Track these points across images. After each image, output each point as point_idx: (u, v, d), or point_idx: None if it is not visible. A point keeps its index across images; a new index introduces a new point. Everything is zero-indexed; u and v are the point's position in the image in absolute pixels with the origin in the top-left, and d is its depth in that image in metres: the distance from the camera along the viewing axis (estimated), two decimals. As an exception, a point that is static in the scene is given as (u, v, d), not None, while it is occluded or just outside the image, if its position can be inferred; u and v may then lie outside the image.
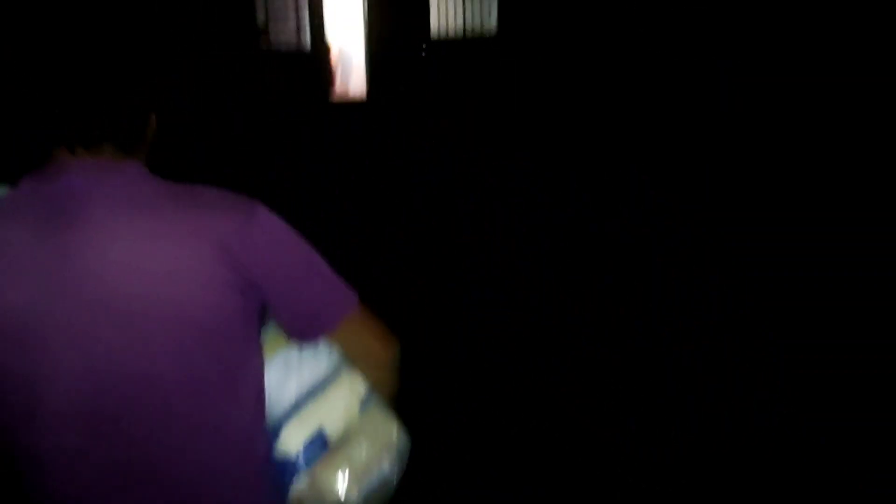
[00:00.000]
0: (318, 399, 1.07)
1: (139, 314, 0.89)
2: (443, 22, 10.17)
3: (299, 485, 1.03)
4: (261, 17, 9.65)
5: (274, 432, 1.04)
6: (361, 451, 1.05)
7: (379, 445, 1.07)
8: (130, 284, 0.89)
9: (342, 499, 1.01)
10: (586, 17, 8.71)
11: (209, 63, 8.00)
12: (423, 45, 9.90)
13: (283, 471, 1.03)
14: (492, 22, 10.11)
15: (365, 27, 10.37)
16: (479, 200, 5.37)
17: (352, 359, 1.11)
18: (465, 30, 10.22)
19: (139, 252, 0.89)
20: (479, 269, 4.34)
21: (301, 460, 1.03)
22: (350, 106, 10.32)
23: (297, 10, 9.82)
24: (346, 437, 1.06)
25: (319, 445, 1.04)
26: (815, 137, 5.44)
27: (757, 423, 2.82)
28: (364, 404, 1.10)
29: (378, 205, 5.59)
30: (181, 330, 0.90)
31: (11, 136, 0.93)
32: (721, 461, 2.60)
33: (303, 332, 1.04)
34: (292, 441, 1.03)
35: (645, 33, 8.20)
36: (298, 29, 9.86)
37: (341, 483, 1.01)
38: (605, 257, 4.41)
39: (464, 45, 10.21)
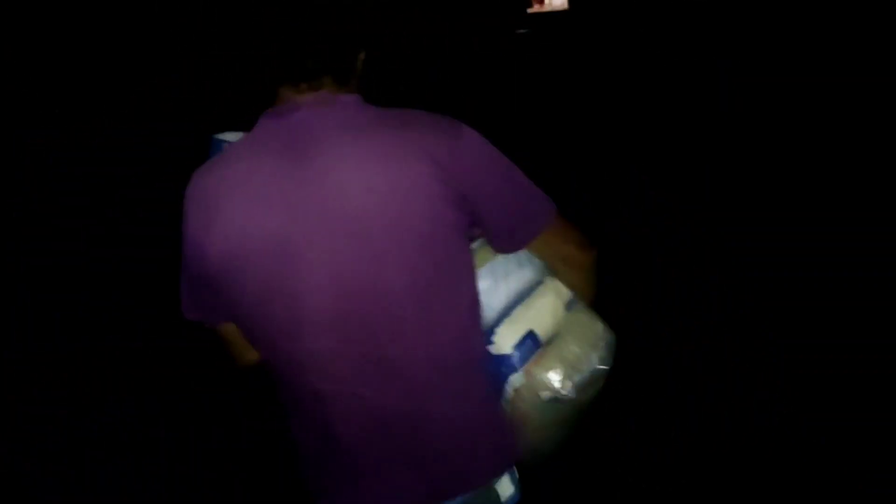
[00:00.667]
0: (526, 304, 1.16)
1: (370, 228, 1.00)
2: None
3: (516, 381, 1.13)
4: None
5: (488, 335, 1.14)
6: (571, 347, 1.15)
7: (587, 342, 1.17)
8: (361, 202, 0.99)
9: (559, 392, 1.11)
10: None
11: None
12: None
13: (499, 368, 1.14)
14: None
15: None
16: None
17: (553, 264, 1.21)
18: None
19: (366, 172, 0.99)
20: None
21: (516, 358, 1.13)
22: (549, 17, 9.29)
23: None
24: (556, 337, 1.16)
25: (531, 345, 1.14)
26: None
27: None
28: (569, 306, 1.19)
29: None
30: (405, 241, 1.01)
31: (246, 81, 1.05)
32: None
33: (508, 240, 1.13)
34: (506, 341, 1.13)
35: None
36: None
37: (555, 377, 1.12)
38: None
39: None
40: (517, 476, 1.22)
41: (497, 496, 1.19)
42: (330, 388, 1.09)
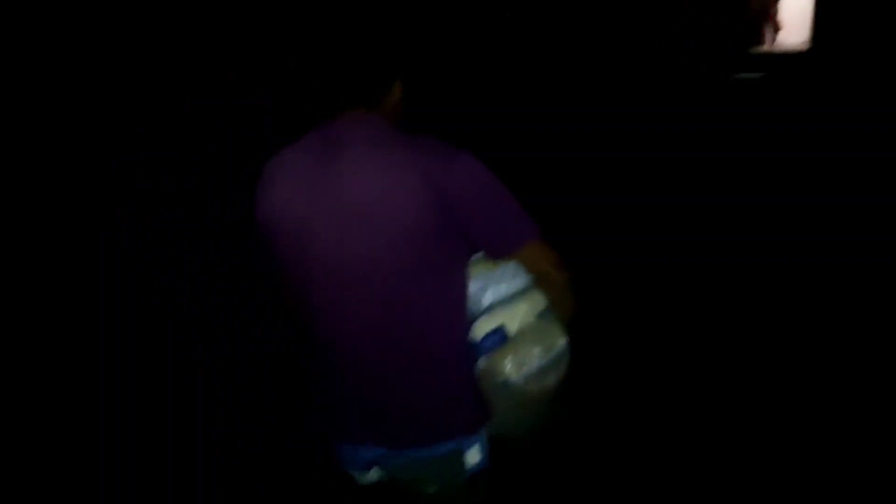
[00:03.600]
0: (506, 306, 1.43)
1: (370, 215, 1.33)
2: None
3: (480, 364, 1.42)
4: None
5: (470, 325, 1.44)
6: (528, 345, 1.40)
7: (542, 343, 1.41)
8: (366, 196, 1.33)
9: (506, 376, 1.39)
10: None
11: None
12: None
13: (472, 352, 1.43)
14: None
15: None
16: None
17: (534, 279, 1.46)
18: None
19: (375, 175, 1.33)
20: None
21: (484, 345, 1.41)
22: (785, 59, 7.32)
23: None
24: (519, 335, 1.42)
25: (499, 338, 1.41)
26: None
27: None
28: (540, 315, 1.45)
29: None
30: (394, 230, 1.33)
31: (306, 106, 1.45)
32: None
33: (492, 249, 1.42)
34: (480, 331, 1.42)
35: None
36: None
37: (507, 365, 1.39)
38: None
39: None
40: (486, 446, 1.51)
41: (463, 462, 1.48)
42: (334, 337, 1.44)
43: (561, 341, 1.45)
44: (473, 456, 1.49)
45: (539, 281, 1.47)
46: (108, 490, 2.62)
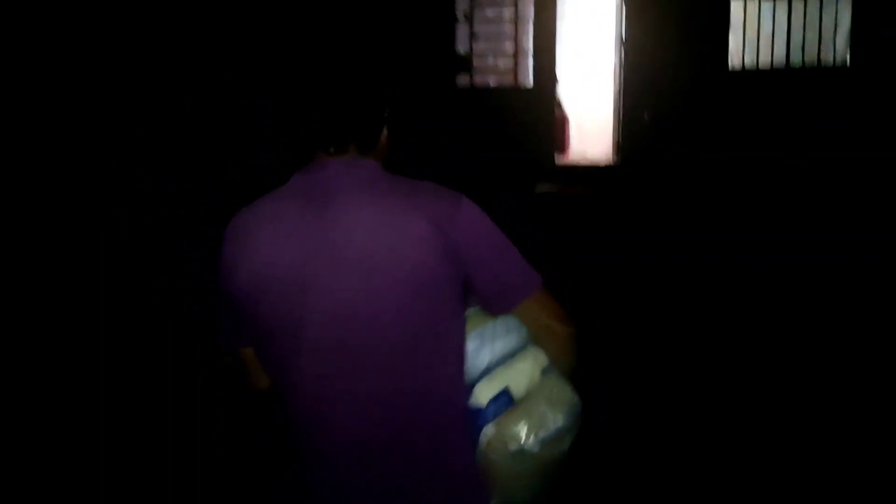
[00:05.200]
0: (507, 366, 1.30)
1: (371, 269, 1.17)
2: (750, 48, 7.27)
3: (488, 432, 1.26)
4: (463, 42, 7.26)
5: (469, 389, 1.29)
6: (540, 406, 1.28)
7: (554, 403, 1.29)
8: (368, 246, 1.17)
9: (522, 444, 1.24)
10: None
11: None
12: (645, 113, 7.08)
13: (475, 419, 1.28)
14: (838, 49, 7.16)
15: (618, 56, 7.57)
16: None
17: (534, 332, 1.34)
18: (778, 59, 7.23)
19: (375, 223, 1.18)
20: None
21: (490, 411, 1.26)
22: (589, 173, 7.48)
23: (517, 34, 7.36)
24: (528, 396, 1.29)
25: (505, 401, 1.27)
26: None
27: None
28: (544, 372, 1.33)
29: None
30: (399, 282, 1.17)
31: (289, 143, 1.29)
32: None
33: (495, 302, 1.29)
34: (483, 395, 1.27)
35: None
36: (516, 59, 7.46)
37: (521, 431, 1.25)
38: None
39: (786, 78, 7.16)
40: None
41: None
42: (322, 411, 1.23)
43: (574, 399, 1.33)
44: None
45: (538, 335, 1.35)
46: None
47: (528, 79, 7.53)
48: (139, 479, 2.67)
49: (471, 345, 1.30)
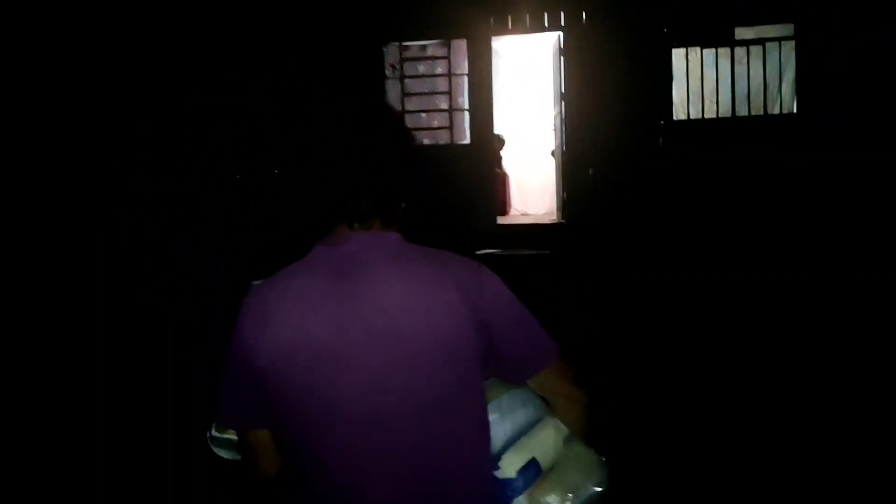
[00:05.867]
0: (529, 436, 1.31)
1: (405, 340, 1.17)
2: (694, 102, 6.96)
3: (520, 503, 1.25)
4: (394, 100, 6.84)
5: (494, 461, 1.28)
6: (570, 473, 1.28)
7: (583, 469, 1.30)
8: (399, 318, 1.17)
9: None
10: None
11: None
12: (591, 169, 6.78)
13: (504, 492, 1.26)
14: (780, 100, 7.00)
15: (559, 113, 7.13)
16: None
17: (552, 398, 1.35)
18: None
19: (404, 294, 1.18)
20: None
21: (520, 483, 1.26)
22: (533, 232, 7.03)
23: (451, 90, 6.99)
24: (556, 465, 1.29)
25: (534, 471, 1.27)
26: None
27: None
28: (567, 440, 1.33)
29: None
30: (434, 353, 1.17)
31: (306, 217, 1.26)
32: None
33: (516, 371, 1.29)
34: (511, 467, 1.26)
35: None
36: (451, 117, 7.06)
37: (555, 500, 1.25)
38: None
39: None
40: None
41: None
42: (351, 481, 1.20)
43: (601, 462, 1.34)
44: None
45: (556, 402, 1.35)
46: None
47: (465, 136, 7.08)
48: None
49: (491, 417, 1.28)
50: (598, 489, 1.30)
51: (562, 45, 7.00)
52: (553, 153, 7.50)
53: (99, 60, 5.83)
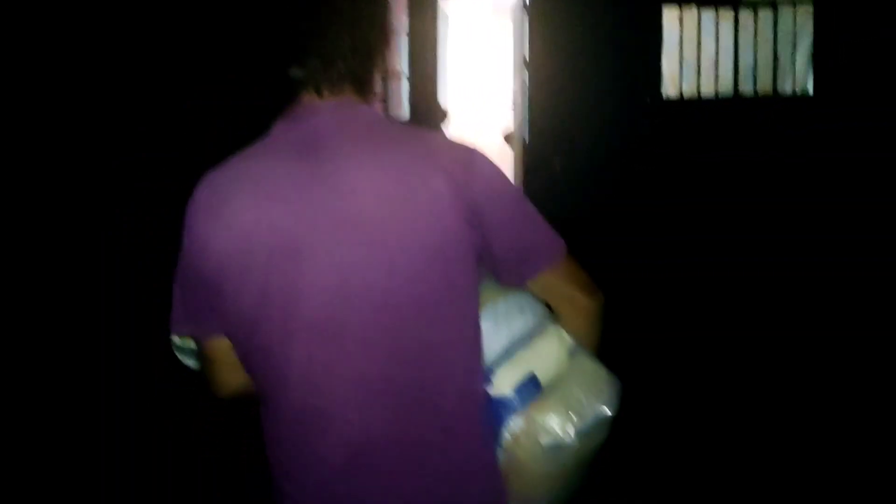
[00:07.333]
0: (528, 347, 1.12)
1: (380, 233, 0.99)
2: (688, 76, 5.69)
3: (515, 424, 1.08)
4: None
5: (486, 375, 1.10)
6: (575, 392, 1.09)
7: (590, 388, 1.11)
8: (374, 206, 0.99)
9: (560, 438, 1.06)
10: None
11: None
12: (556, 161, 5.54)
13: (498, 410, 1.09)
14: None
15: (521, 87, 5.95)
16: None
17: (557, 305, 1.16)
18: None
19: (380, 178, 1.00)
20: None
21: (516, 401, 1.08)
22: None
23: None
24: (558, 382, 1.11)
25: (533, 389, 1.09)
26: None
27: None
28: (572, 354, 1.14)
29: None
30: (416, 251, 0.99)
31: (274, 79, 1.08)
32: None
33: (515, 271, 1.11)
34: (506, 383, 1.09)
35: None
36: (386, 84, 5.86)
37: (557, 422, 1.07)
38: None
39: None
40: None
41: None
42: (315, 402, 1.04)
43: (612, 380, 1.15)
44: None
45: (560, 309, 1.16)
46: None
47: (404, 108, 6.02)
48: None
49: (484, 325, 1.10)
50: (607, 411, 1.12)
51: (526, 2, 5.73)
52: (507, 137, 6.16)
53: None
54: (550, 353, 1.12)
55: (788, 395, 2.97)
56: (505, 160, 6.16)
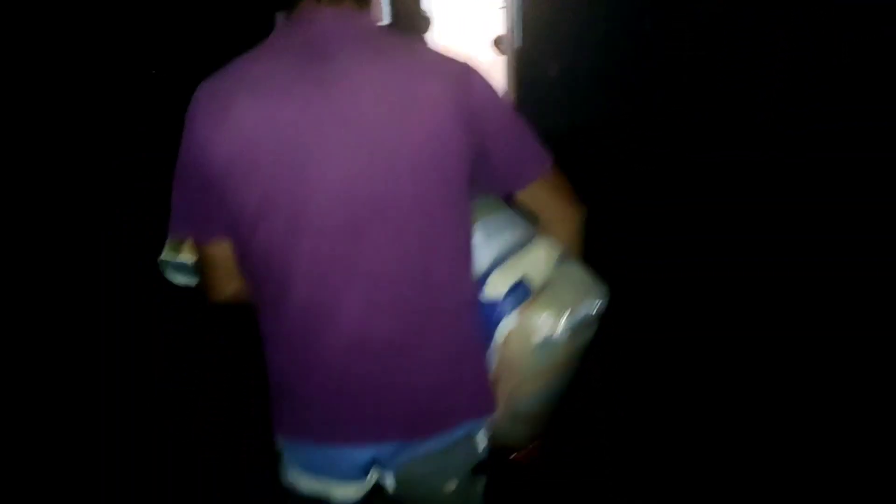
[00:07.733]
0: (519, 255, 1.18)
1: (383, 136, 1.01)
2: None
3: (507, 325, 1.14)
4: None
5: (479, 282, 1.16)
6: (565, 292, 1.16)
7: (578, 290, 1.18)
8: (377, 110, 1.01)
9: (551, 333, 1.13)
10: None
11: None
12: (553, 65, 4.68)
13: (491, 313, 1.15)
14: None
15: None
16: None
17: (542, 216, 1.23)
18: None
19: (381, 82, 1.01)
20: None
21: (508, 304, 1.15)
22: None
23: None
24: (548, 285, 1.17)
25: (523, 291, 1.15)
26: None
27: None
28: (560, 260, 1.21)
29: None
30: (417, 155, 1.02)
31: None
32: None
33: (502, 181, 1.16)
34: (498, 287, 1.15)
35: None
36: None
37: (548, 319, 1.13)
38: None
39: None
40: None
41: (475, 448, 1.22)
42: (322, 297, 1.07)
43: (599, 283, 1.21)
44: (482, 441, 1.23)
45: (546, 220, 1.23)
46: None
47: (383, 14, 5.02)
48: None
49: (476, 236, 1.17)
50: (597, 308, 1.19)
51: None
52: (497, 41, 5.49)
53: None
54: (540, 259, 1.19)
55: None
56: (495, 68, 5.38)
